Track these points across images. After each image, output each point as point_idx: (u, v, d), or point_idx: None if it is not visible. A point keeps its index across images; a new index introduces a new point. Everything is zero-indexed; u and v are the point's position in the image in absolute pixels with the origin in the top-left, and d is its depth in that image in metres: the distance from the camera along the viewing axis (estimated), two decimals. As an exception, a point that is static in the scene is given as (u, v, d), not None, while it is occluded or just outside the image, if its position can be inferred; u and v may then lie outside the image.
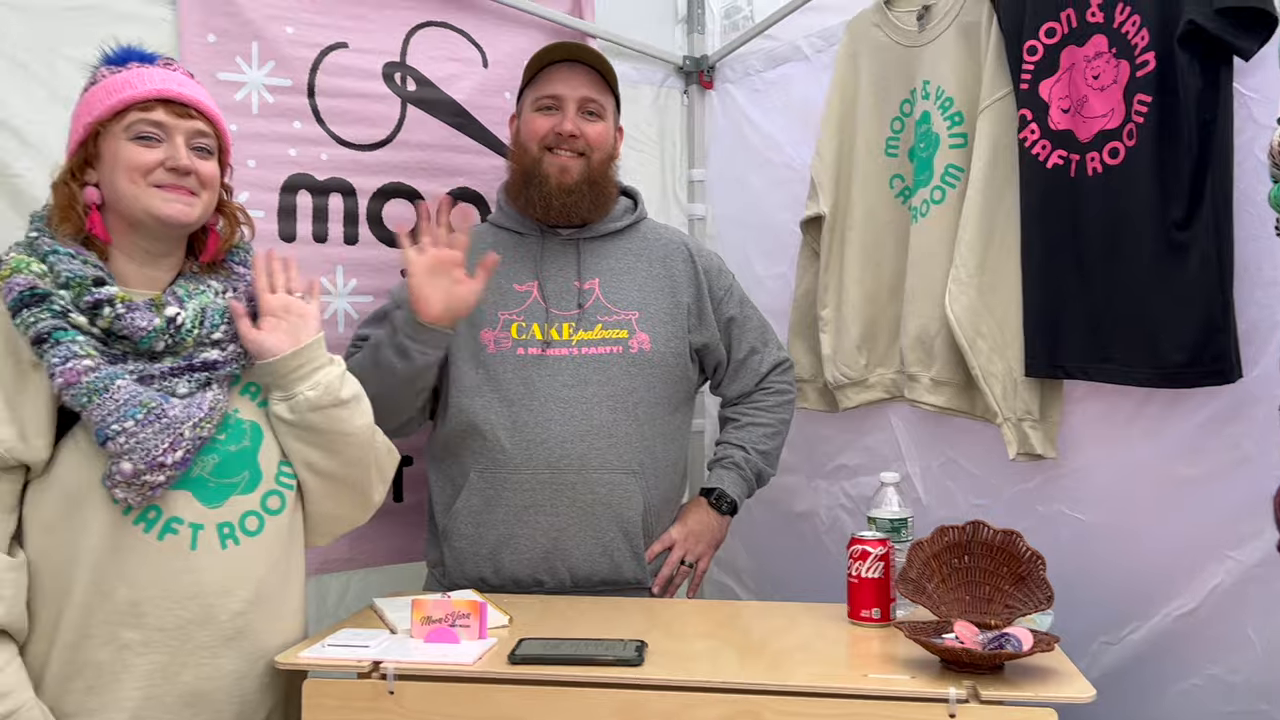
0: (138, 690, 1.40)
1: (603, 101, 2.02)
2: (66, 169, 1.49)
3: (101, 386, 1.35)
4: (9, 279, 1.38)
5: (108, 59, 1.54)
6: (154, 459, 1.36)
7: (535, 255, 2.01)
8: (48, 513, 1.39)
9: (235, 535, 1.48)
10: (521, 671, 1.42)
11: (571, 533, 1.92)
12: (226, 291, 1.55)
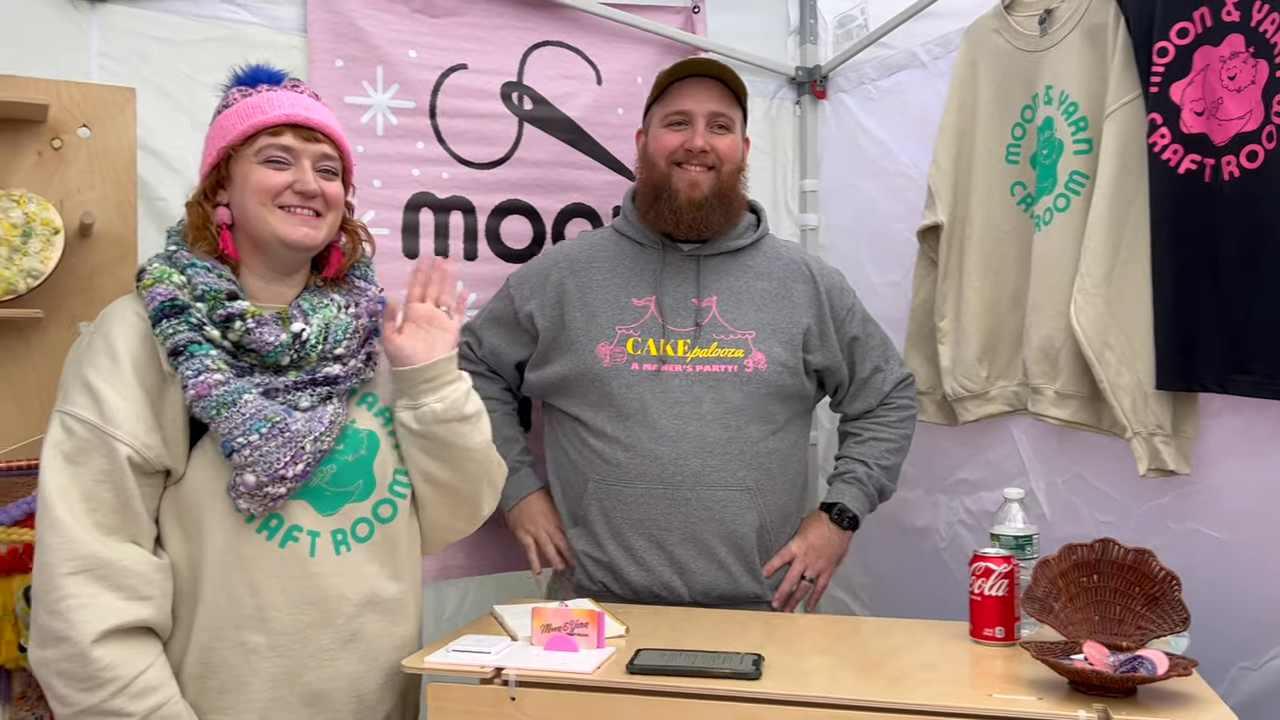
0: (265, 692, 1.45)
1: (731, 114, 2.01)
2: (200, 190, 1.54)
3: (230, 400, 1.39)
4: (151, 288, 1.44)
5: (238, 79, 1.60)
6: (276, 472, 1.41)
7: (655, 269, 2.02)
8: (182, 518, 1.45)
9: (348, 542, 1.52)
10: (639, 681, 1.43)
11: (686, 548, 1.92)
12: (349, 306, 1.59)
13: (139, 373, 1.41)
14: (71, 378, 1.43)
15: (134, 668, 1.35)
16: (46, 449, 1.39)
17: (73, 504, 1.36)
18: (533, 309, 2.05)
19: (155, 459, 1.41)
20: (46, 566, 1.35)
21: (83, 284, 1.85)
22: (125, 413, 1.39)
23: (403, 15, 2.29)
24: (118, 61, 2.04)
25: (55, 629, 1.33)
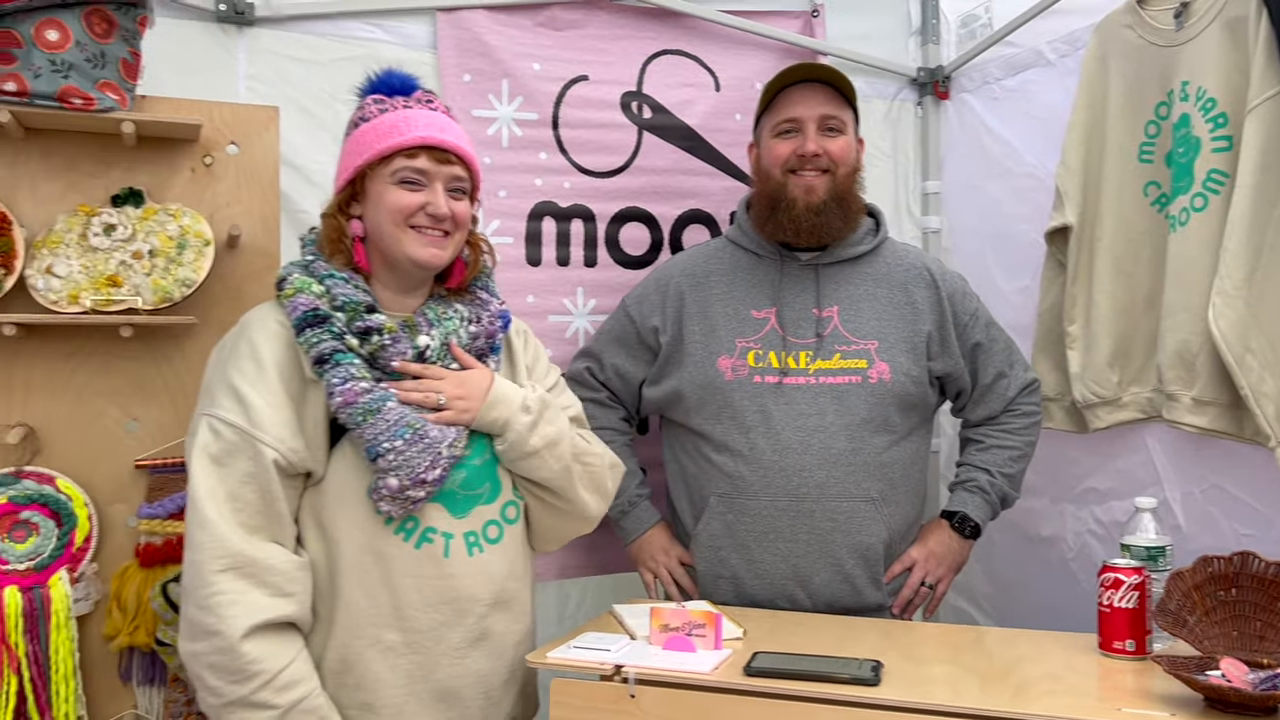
0: (400, 688, 1.51)
1: (841, 116, 1.99)
2: (335, 203, 1.59)
3: (375, 407, 1.45)
4: (293, 298, 1.49)
5: (372, 86, 1.64)
6: (417, 476, 1.46)
7: (774, 281, 2.01)
8: (321, 519, 1.50)
9: (480, 544, 1.57)
10: (757, 684, 1.44)
11: (811, 559, 1.91)
12: (473, 321, 1.63)
13: (283, 378, 1.47)
14: (216, 382, 1.49)
15: (279, 662, 1.41)
16: (194, 451, 1.45)
17: (220, 504, 1.41)
18: (657, 323, 2.06)
19: (298, 462, 1.46)
20: (196, 564, 1.40)
21: (231, 292, 1.97)
22: (271, 417, 1.44)
23: (527, 29, 2.36)
24: (263, 82, 2.16)
25: (206, 623, 1.38)
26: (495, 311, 1.67)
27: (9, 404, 1.83)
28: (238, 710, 1.39)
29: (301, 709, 1.41)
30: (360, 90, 1.65)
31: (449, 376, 1.57)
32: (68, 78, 1.72)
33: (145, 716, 1.90)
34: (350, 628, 1.49)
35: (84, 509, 1.85)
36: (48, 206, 1.84)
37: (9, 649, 1.75)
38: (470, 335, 1.62)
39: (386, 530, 1.50)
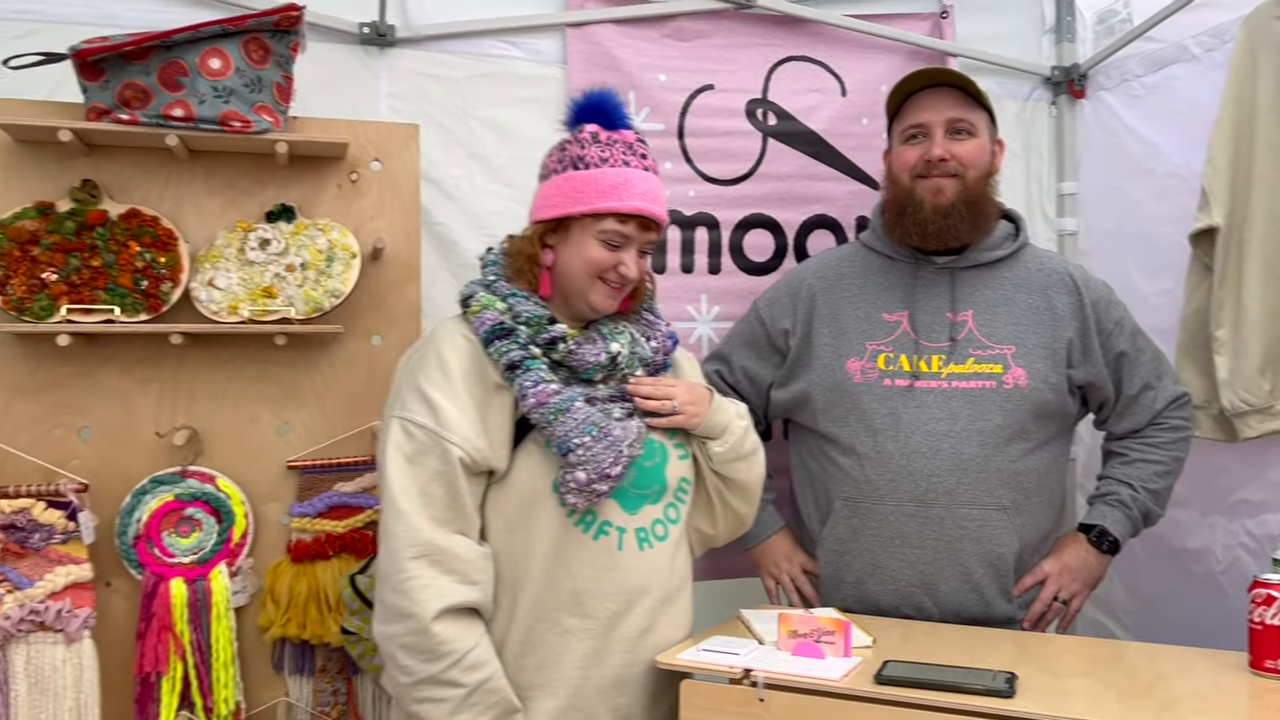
0: (577, 671, 1.59)
1: (971, 118, 1.95)
2: (536, 233, 1.66)
3: (564, 407, 1.55)
4: (480, 314, 1.61)
5: (586, 109, 1.68)
6: (603, 470, 1.55)
7: (907, 284, 1.99)
8: (507, 512, 1.60)
9: (650, 540, 1.66)
10: (888, 692, 1.44)
11: (938, 567, 1.89)
12: (648, 339, 1.73)
13: (468, 385, 1.58)
14: (407, 387, 1.60)
15: (466, 643, 1.51)
16: (389, 449, 1.56)
17: (412, 498, 1.53)
18: (787, 326, 2.06)
19: (482, 460, 1.56)
20: (392, 551, 1.52)
21: (375, 302, 2.06)
22: (457, 420, 1.55)
23: (654, 40, 2.40)
24: (403, 100, 2.26)
25: (401, 606, 1.49)
26: (665, 332, 1.78)
27: (174, 408, 1.97)
28: (427, 688, 1.49)
29: (486, 689, 1.51)
30: (571, 109, 1.70)
31: (679, 383, 1.72)
32: (228, 102, 1.84)
33: (296, 704, 2.01)
34: (533, 611, 1.59)
35: (241, 507, 1.96)
36: (209, 223, 1.97)
37: (175, 637, 1.88)
38: (652, 350, 1.72)
39: (568, 522, 1.60)
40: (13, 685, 1.82)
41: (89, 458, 1.92)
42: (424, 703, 1.49)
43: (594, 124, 1.65)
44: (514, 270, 1.67)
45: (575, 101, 1.69)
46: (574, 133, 1.67)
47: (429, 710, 1.48)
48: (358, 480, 2.03)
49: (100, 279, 1.85)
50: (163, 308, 1.87)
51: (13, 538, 1.82)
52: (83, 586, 1.85)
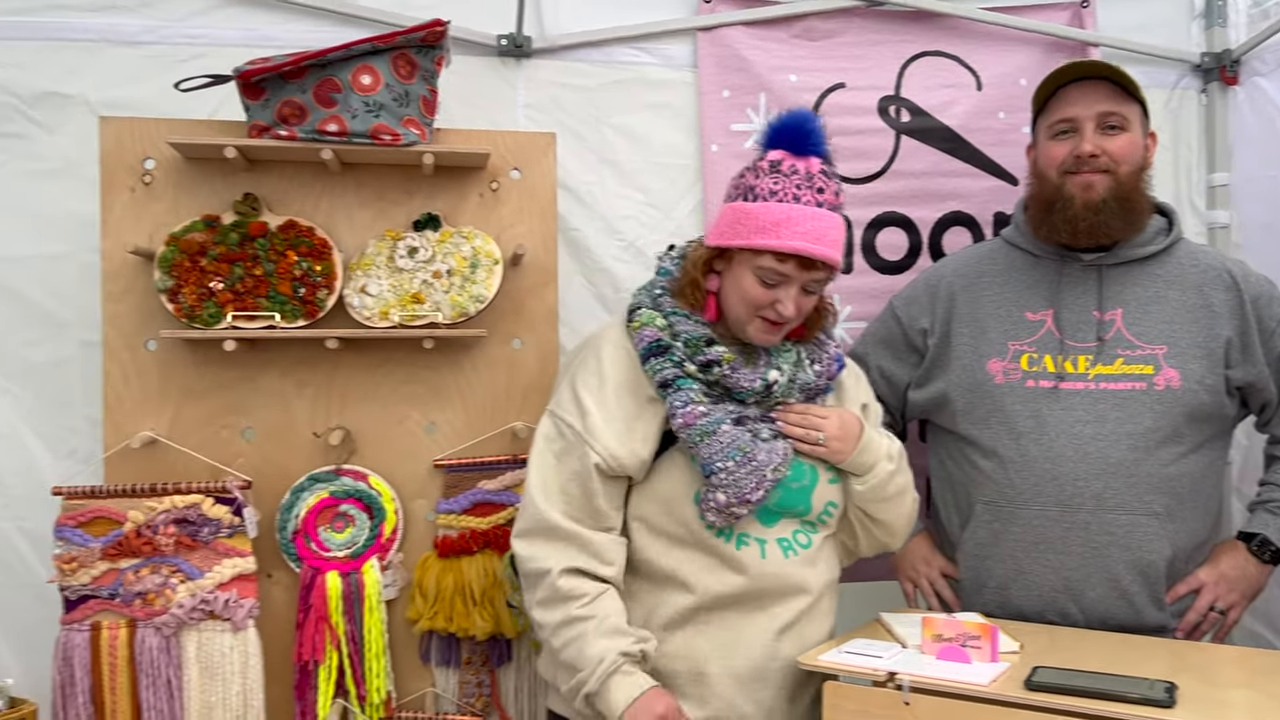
0: (718, 663, 1.64)
1: (1123, 112, 1.88)
2: (704, 257, 1.67)
3: (711, 430, 1.59)
4: (640, 329, 1.67)
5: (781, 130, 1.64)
6: (743, 495, 1.59)
7: (1051, 282, 1.94)
8: (650, 515, 1.67)
9: (794, 547, 1.69)
10: (1039, 699, 1.41)
11: (1085, 574, 1.84)
12: (813, 362, 1.74)
13: (619, 396, 1.65)
14: (565, 386, 1.70)
15: (592, 589, 1.60)
16: (539, 440, 1.68)
17: (549, 493, 1.63)
18: (926, 325, 2.04)
19: (617, 468, 1.63)
20: (526, 533, 1.64)
21: (515, 306, 2.12)
22: (602, 428, 1.62)
23: (783, 41, 2.40)
24: (539, 109, 2.32)
25: (532, 569, 1.62)
26: (833, 354, 1.78)
27: (328, 409, 2.07)
28: (564, 630, 1.58)
29: (615, 625, 1.58)
30: (767, 130, 1.66)
31: (831, 415, 1.71)
32: (379, 117, 1.92)
33: (442, 695, 2.09)
34: (677, 606, 1.65)
35: (391, 504, 2.05)
36: (360, 233, 2.06)
37: (331, 627, 1.98)
38: (815, 374, 1.72)
39: (708, 533, 1.65)
40: (186, 670, 1.94)
41: (252, 456, 2.03)
42: (565, 647, 1.58)
43: (781, 149, 1.62)
44: (681, 290, 1.70)
45: (771, 121, 1.65)
46: (757, 158, 1.65)
47: (570, 649, 1.57)
48: (500, 478, 2.09)
49: (262, 287, 1.95)
50: (319, 314, 1.97)
51: (184, 531, 1.94)
52: (247, 578, 1.96)
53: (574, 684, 1.58)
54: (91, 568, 1.92)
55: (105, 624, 1.92)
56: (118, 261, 1.98)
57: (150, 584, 1.92)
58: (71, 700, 1.91)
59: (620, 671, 1.55)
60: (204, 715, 1.94)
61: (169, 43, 2.17)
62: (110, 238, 1.98)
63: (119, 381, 1.99)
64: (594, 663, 1.55)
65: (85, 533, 1.92)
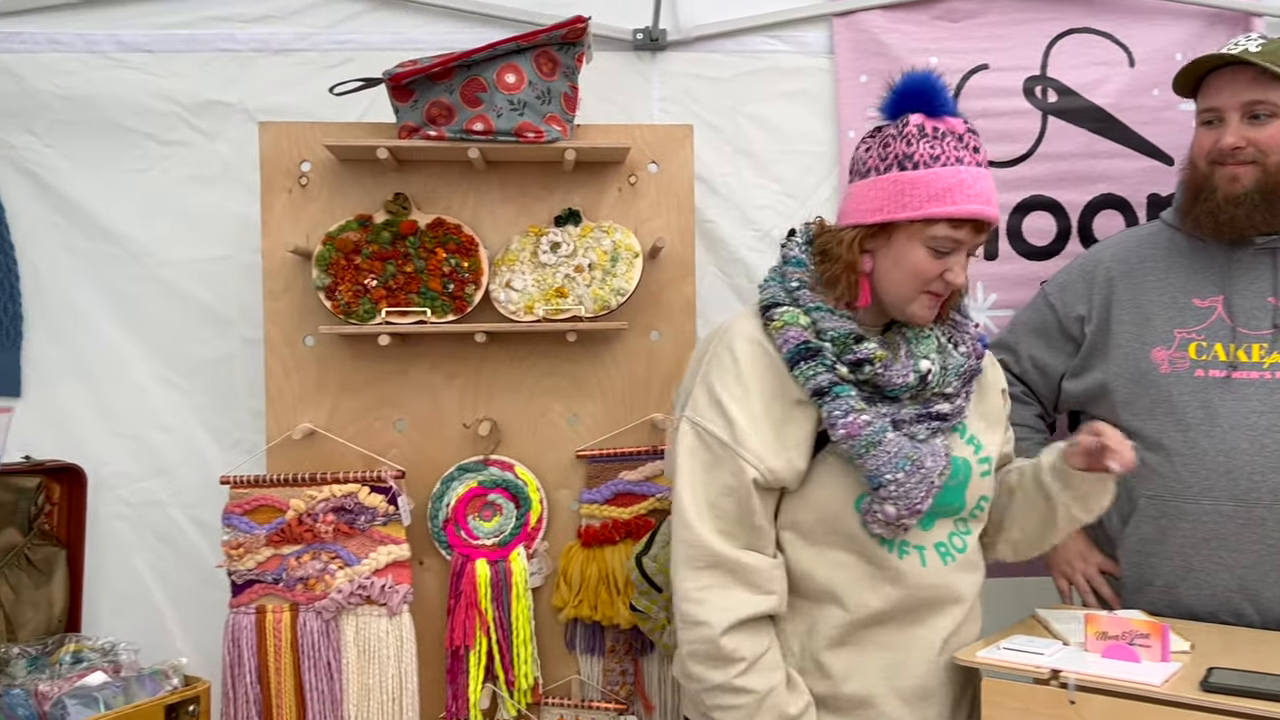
0: (881, 683, 1.54)
1: (1273, 99, 1.77)
2: (858, 237, 1.53)
3: (876, 440, 1.46)
4: (783, 331, 1.51)
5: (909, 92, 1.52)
6: (914, 506, 1.48)
7: (1221, 266, 1.84)
8: (805, 525, 1.54)
9: (950, 554, 1.59)
10: (1217, 700, 1.35)
11: (1262, 572, 1.74)
12: (956, 345, 1.61)
13: (765, 403, 1.51)
14: (701, 390, 1.55)
15: (756, 650, 1.48)
16: (681, 452, 1.53)
17: (701, 509, 1.49)
18: (1082, 312, 1.96)
19: (774, 481, 1.50)
20: (684, 560, 1.49)
21: (653, 298, 2.14)
22: (753, 438, 1.48)
23: (923, 24, 2.35)
24: (674, 102, 2.33)
25: (692, 615, 1.47)
26: (975, 335, 1.66)
27: (475, 401, 2.12)
28: (719, 695, 1.48)
29: (776, 693, 1.49)
30: (891, 95, 1.55)
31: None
32: (523, 114, 1.96)
33: (587, 682, 2.12)
34: (837, 624, 1.54)
35: (536, 493, 2.09)
36: (504, 229, 2.11)
37: (480, 614, 2.03)
38: (963, 355, 1.60)
39: (871, 541, 1.53)
40: (344, 652, 2.02)
41: (404, 447, 2.10)
42: (719, 709, 1.49)
43: (917, 113, 1.50)
44: (823, 274, 1.56)
45: (894, 86, 1.53)
46: (897, 125, 1.51)
47: (724, 716, 1.49)
48: (640, 469, 2.11)
49: (413, 283, 2.01)
50: (467, 308, 2.02)
51: (342, 519, 2.02)
52: (401, 565, 2.03)
53: None
54: (256, 553, 2.01)
55: (270, 607, 2.02)
56: (277, 261, 2.06)
57: (311, 569, 2.01)
58: (240, 679, 2.01)
59: None
60: (362, 696, 2.02)
61: (320, 49, 2.26)
62: (270, 238, 2.07)
63: (280, 376, 2.08)
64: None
65: (250, 520, 2.02)
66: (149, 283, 2.24)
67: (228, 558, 2.01)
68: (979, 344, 1.65)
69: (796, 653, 1.56)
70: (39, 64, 2.23)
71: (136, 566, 2.25)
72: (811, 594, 1.56)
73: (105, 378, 2.25)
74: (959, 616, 1.59)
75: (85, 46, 2.23)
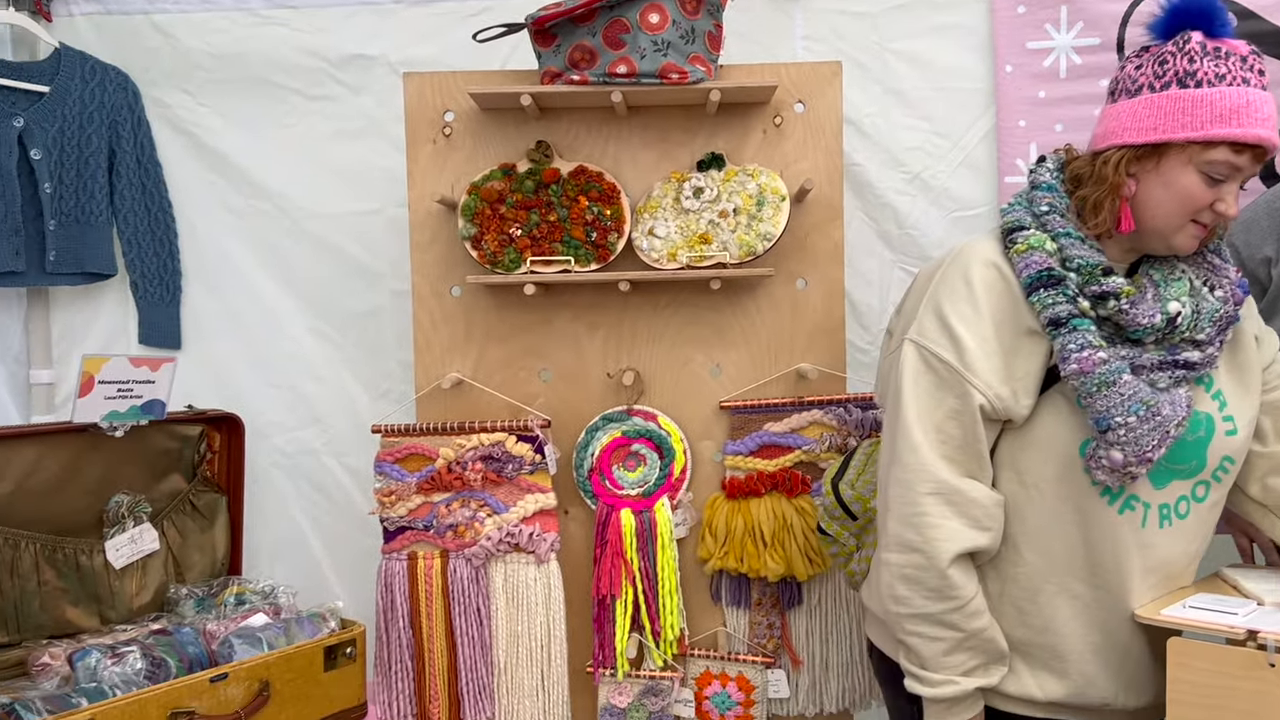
0: (1079, 640, 1.48)
1: None
2: (1124, 158, 1.44)
3: (1110, 380, 1.38)
4: (1026, 255, 1.44)
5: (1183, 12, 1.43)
6: (1143, 454, 1.39)
7: None
8: (1022, 464, 1.47)
9: (1171, 517, 1.49)
10: None
11: None
12: (1212, 288, 1.50)
13: (997, 327, 1.44)
14: (928, 312, 1.48)
15: (971, 590, 1.44)
16: (905, 374, 1.47)
17: (927, 431, 1.44)
18: (1270, 253, 1.83)
19: (1002, 409, 1.44)
20: (904, 482, 1.45)
21: (799, 243, 2.07)
22: (982, 363, 1.42)
23: (1085, -51, 2.20)
24: (817, 40, 2.25)
25: (909, 540, 1.44)
26: (1234, 279, 1.52)
27: (618, 351, 2.10)
28: (923, 624, 1.45)
29: (983, 637, 1.45)
30: (1167, 12, 1.46)
31: None
32: (666, 55, 1.90)
33: (733, 634, 2.10)
34: (1042, 571, 1.49)
35: (680, 444, 2.06)
36: (646, 175, 2.07)
37: (626, 563, 2.02)
38: (1219, 300, 1.49)
39: (1093, 490, 1.46)
40: (493, 599, 2.05)
41: (549, 397, 2.10)
42: (917, 637, 1.45)
43: (1197, 30, 1.40)
44: (1081, 200, 1.47)
45: (1170, 4, 1.44)
46: (1176, 42, 1.42)
47: (922, 645, 1.45)
48: (786, 420, 2.06)
49: (556, 232, 2.00)
50: (610, 257, 2.00)
51: (490, 467, 2.03)
52: (548, 513, 2.04)
53: (909, 668, 1.48)
54: (408, 501, 2.05)
55: (421, 554, 2.05)
56: (423, 212, 2.08)
57: (460, 517, 2.03)
58: (393, 624, 2.05)
59: (965, 703, 1.46)
60: (511, 643, 2.04)
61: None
62: (416, 189, 2.08)
63: (427, 326, 2.10)
64: (943, 680, 1.44)
65: (401, 468, 2.06)
66: (300, 237, 2.30)
67: (380, 505, 2.05)
68: (1238, 290, 1.52)
69: (994, 595, 1.50)
70: (191, 24, 2.29)
71: (293, 513, 2.33)
72: (1019, 538, 1.49)
73: (260, 331, 2.32)
74: (1169, 584, 1.50)
75: (234, 4, 2.28)
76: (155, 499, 2.09)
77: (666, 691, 2.06)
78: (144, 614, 2.04)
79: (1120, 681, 1.50)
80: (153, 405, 1.99)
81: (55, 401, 2.32)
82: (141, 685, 1.71)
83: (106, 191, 2.25)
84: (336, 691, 1.96)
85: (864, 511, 1.75)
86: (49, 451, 1.91)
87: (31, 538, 1.89)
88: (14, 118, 2.11)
